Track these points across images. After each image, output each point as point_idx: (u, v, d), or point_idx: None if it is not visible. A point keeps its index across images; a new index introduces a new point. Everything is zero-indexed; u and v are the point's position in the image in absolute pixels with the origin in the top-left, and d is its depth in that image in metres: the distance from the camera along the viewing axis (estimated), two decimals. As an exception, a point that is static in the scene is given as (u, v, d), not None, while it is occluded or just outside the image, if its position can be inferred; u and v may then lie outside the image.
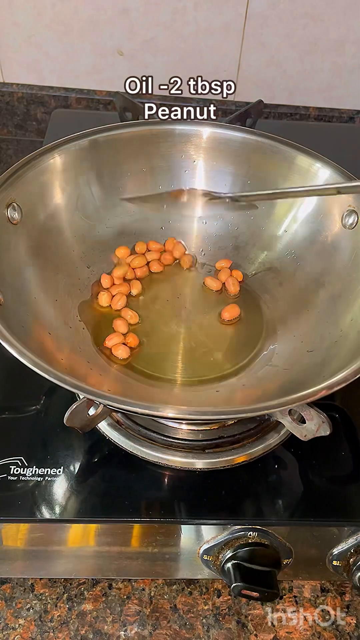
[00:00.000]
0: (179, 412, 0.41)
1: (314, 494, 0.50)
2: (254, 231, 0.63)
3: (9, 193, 0.53)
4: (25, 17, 0.86)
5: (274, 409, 0.42)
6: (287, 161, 0.61)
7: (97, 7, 0.85)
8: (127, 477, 0.49)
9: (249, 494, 0.49)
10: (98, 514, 0.47)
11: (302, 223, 0.60)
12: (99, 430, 0.52)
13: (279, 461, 0.51)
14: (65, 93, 0.94)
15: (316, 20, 0.85)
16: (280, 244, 0.61)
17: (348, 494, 0.50)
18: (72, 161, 0.60)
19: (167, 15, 0.85)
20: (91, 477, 0.49)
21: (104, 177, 0.62)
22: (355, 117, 0.94)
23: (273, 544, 0.48)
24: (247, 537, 0.48)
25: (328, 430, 0.44)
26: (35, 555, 0.50)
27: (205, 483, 0.49)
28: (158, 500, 0.48)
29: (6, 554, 0.50)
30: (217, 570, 0.49)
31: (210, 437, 0.51)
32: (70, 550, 0.50)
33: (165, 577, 0.53)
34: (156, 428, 0.51)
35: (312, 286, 0.58)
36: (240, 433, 0.52)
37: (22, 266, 0.54)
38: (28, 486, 0.48)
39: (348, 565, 0.49)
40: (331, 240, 0.58)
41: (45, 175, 0.58)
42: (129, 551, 0.50)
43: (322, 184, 0.59)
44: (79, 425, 0.45)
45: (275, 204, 0.62)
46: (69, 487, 0.48)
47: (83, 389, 0.41)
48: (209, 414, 0.43)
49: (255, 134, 0.62)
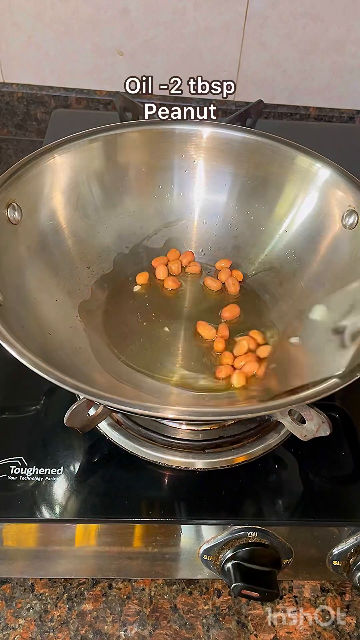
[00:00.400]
0: (178, 413, 0.41)
1: (314, 494, 0.50)
2: (254, 231, 0.63)
3: (9, 193, 0.53)
4: (25, 17, 0.86)
5: (274, 410, 0.42)
6: (287, 161, 0.61)
7: (97, 7, 0.85)
8: (127, 477, 0.49)
9: (249, 494, 0.49)
10: (98, 514, 0.47)
11: (302, 223, 0.60)
12: (99, 430, 0.52)
13: (279, 461, 0.51)
14: (65, 93, 0.94)
15: (316, 20, 0.85)
16: (280, 244, 0.61)
17: (348, 494, 0.50)
18: (72, 161, 0.60)
19: (167, 15, 0.85)
20: (91, 477, 0.49)
21: (104, 177, 0.62)
22: (355, 117, 0.94)
23: (273, 544, 0.48)
24: (247, 537, 0.48)
25: (328, 430, 0.44)
26: (35, 555, 0.50)
27: (205, 483, 0.49)
28: (158, 500, 0.48)
29: (6, 554, 0.50)
30: (217, 570, 0.49)
31: (210, 437, 0.51)
32: (70, 550, 0.50)
33: (166, 577, 0.53)
34: (156, 428, 0.51)
35: (312, 286, 0.58)
36: (240, 433, 0.52)
37: (22, 266, 0.54)
38: (28, 486, 0.48)
39: (348, 565, 0.49)
40: (331, 240, 0.58)
41: (46, 175, 0.58)
42: (129, 551, 0.50)
43: (322, 184, 0.59)
44: (79, 425, 0.45)
45: (276, 204, 0.62)
46: (69, 487, 0.48)
47: (83, 389, 0.41)
48: (209, 415, 0.43)
49: (256, 134, 0.62)
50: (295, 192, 0.61)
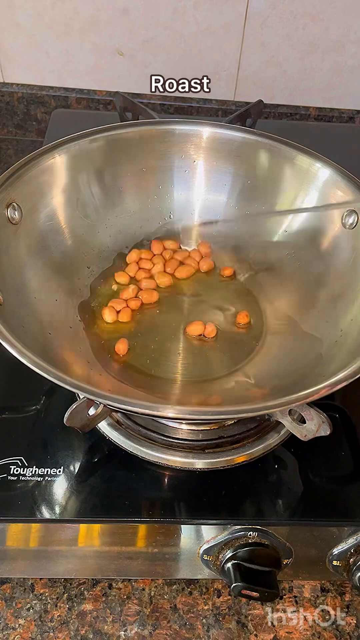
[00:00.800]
0: (179, 412, 0.41)
1: (314, 494, 0.50)
2: (254, 231, 0.63)
3: (9, 193, 0.53)
4: (25, 17, 0.86)
5: (274, 409, 0.42)
6: (287, 161, 0.61)
7: (97, 7, 0.85)
8: (127, 477, 0.49)
9: (249, 494, 0.49)
10: (98, 514, 0.47)
11: (302, 223, 0.60)
12: (99, 430, 0.52)
13: (279, 461, 0.51)
14: (65, 93, 0.94)
15: (316, 20, 0.85)
16: (280, 244, 0.61)
17: (348, 493, 0.50)
18: (72, 161, 0.60)
19: (167, 15, 0.85)
20: (91, 477, 0.49)
21: (104, 177, 0.62)
22: (355, 117, 0.94)
23: (273, 544, 0.48)
24: (247, 537, 0.48)
25: (328, 430, 0.44)
26: (36, 555, 0.50)
27: (205, 483, 0.49)
28: (158, 500, 0.48)
29: (6, 554, 0.50)
30: (217, 570, 0.49)
31: (211, 437, 0.51)
32: (70, 550, 0.50)
33: (166, 577, 0.53)
34: (156, 428, 0.51)
35: (312, 286, 0.58)
36: (240, 433, 0.52)
37: (22, 266, 0.54)
38: (28, 486, 0.48)
39: (348, 565, 0.49)
40: (331, 240, 0.58)
41: (46, 175, 0.58)
42: (129, 551, 0.50)
43: (322, 184, 0.59)
44: (79, 425, 0.45)
45: (276, 205, 0.62)
46: (69, 487, 0.48)
47: (83, 388, 0.41)
48: (209, 414, 0.43)
49: (255, 134, 0.62)
50: (295, 192, 0.61)
